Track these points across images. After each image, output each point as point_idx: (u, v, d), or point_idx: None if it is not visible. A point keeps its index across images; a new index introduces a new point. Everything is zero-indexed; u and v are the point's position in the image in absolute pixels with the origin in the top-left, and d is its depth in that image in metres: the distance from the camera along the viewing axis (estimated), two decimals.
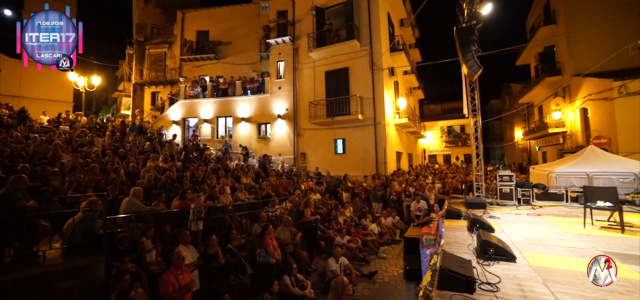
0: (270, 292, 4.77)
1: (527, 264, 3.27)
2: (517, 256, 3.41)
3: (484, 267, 3.12)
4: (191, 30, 19.81)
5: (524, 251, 3.69)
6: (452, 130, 28.56)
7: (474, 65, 7.34)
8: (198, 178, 8.27)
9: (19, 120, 12.01)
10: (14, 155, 7.17)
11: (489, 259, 3.31)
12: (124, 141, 11.92)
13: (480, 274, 2.92)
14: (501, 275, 2.89)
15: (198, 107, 17.37)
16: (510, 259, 3.32)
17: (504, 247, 3.48)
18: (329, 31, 14.51)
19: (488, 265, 3.18)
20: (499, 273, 2.94)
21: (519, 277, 2.91)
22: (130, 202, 5.55)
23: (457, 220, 5.77)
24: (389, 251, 8.32)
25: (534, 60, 20.08)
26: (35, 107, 16.38)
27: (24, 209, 4.23)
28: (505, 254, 3.36)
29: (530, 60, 21.16)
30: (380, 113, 13.60)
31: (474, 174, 8.53)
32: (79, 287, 4.01)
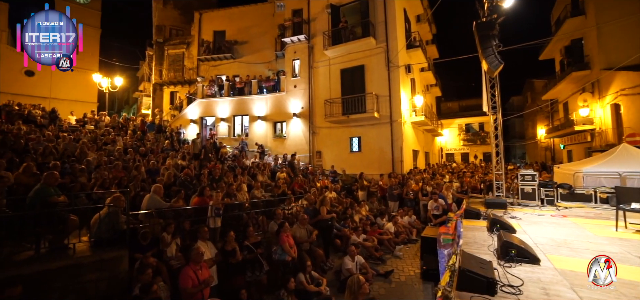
0: (287, 289, 4.81)
1: (552, 266, 3.14)
2: (541, 258, 3.28)
3: (506, 269, 3.03)
4: (208, 30, 20.20)
5: (548, 253, 3.54)
6: (470, 128, 27.83)
7: (495, 60, 7.10)
8: (215, 176, 8.44)
9: (50, 120, 12.67)
10: (46, 153, 7.58)
11: (511, 261, 3.20)
12: (145, 139, 12.33)
13: (502, 276, 2.83)
14: (524, 277, 2.79)
15: (215, 106, 17.71)
16: (534, 261, 3.20)
17: (527, 248, 3.35)
18: (344, 29, 14.43)
19: (510, 267, 3.08)
20: (521, 275, 2.83)
21: (544, 280, 2.80)
22: (152, 199, 5.74)
23: (476, 220, 5.62)
24: (406, 251, 8.22)
25: (559, 55, 19.17)
26: (64, 108, 17.21)
27: (55, 203, 4.48)
28: (528, 255, 3.24)
29: (554, 55, 20.24)
30: (396, 111, 13.42)
31: (493, 173, 8.27)
32: (105, 279, 4.20)
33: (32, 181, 5.23)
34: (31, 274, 3.68)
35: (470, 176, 12.91)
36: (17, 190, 5.00)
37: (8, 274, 3.53)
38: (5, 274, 3.52)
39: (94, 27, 25.60)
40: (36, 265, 3.83)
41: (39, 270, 3.76)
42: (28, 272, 3.68)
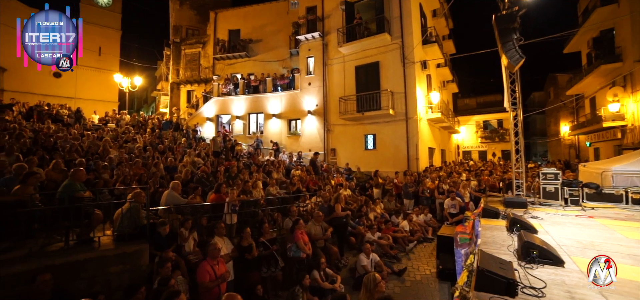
0: (302, 285, 4.84)
1: (578, 269, 3.01)
2: (565, 260, 3.16)
3: (527, 270, 2.94)
4: (223, 29, 20.50)
5: (573, 255, 3.40)
6: (488, 125, 27.02)
7: (515, 55, 6.86)
8: (232, 173, 8.58)
9: (75, 119, 13.26)
10: (72, 150, 7.93)
11: (532, 262, 3.11)
12: (163, 137, 12.69)
13: (523, 277, 2.76)
14: (547, 280, 2.70)
15: (230, 104, 17.98)
16: (558, 263, 3.09)
17: (550, 249, 3.24)
18: (359, 25, 14.31)
19: (531, 269, 2.99)
20: (544, 277, 2.74)
21: (569, 283, 2.69)
22: (170, 195, 5.90)
23: (494, 219, 5.49)
24: (421, 249, 8.12)
25: (587, 47, 18.20)
26: (87, 107, 17.95)
27: (82, 198, 4.69)
28: (551, 257, 3.13)
29: (581, 47, 19.25)
30: (412, 108, 13.22)
31: (513, 171, 8.02)
32: (128, 272, 4.37)
33: (60, 177, 5.50)
34: (62, 264, 3.89)
35: (489, 174, 12.58)
36: (47, 185, 5.27)
37: (43, 263, 3.76)
38: (40, 263, 3.74)
39: (114, 29, 26.52)
40: (66, 256, 4.05)
41: (69, 261, 3.97)
42: (59, 262, 3.89)
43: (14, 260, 3.80)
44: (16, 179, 4.74)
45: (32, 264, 3.71)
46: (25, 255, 3.96)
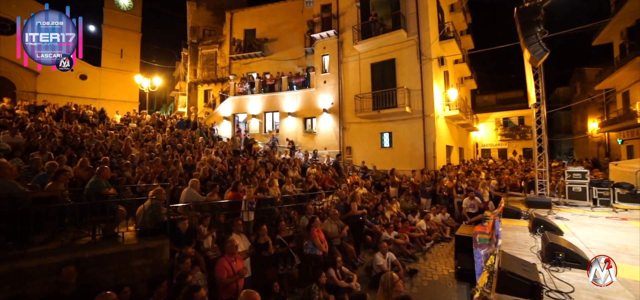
0: (318, 283, 4.86)
1: None
2: None
3: (552, 273, 2.82)
4: (239, 29, 20.78)
5: None
6: (508, 123, 26.15)
7: (539, 49, 6.57)
8: (248, 171, 8.71)
9: (100, 119, 13.82)
10: (97, 149, 8.28)
11: (558, 265, 2.97)
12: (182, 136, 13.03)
13: (548, 281, 2.64)
14: (574, 284, 2.57)
15: (246, 103, 18.23)
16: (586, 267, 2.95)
17: (577, 252, 3.09)
18: (374, 22, 14.16)
19: (557, 272, 2.86)
20: (571, 281, 2.61)
21: (600, 288, 2.53)
22: (189, 193, 6.05)
23: (516, 219, 5.29)
24: (439, 249, 7.98)
25: (620, 38, 17.06)
26: (110, 107, 18.72)
27: (107, 195, 4.89)
28: (579, 260, 2.98)
29: (613, 38, 18.10)
30: (429, 105, 12.99)
31: (536, 170, 7.72)
32: (150, 266, 4.52)
33: (87, 175, 5.76)
34: (89, 258, 4.08)
35: (509, 173, 12.17)
36: (75, 182, 5.53)
37: (73, 256, 3.96)
38: (70, 256, 3.95)
39: (135, 31, 27.46)
40: (93, 249, 4.24)
41: (96, 254, 4.16)
42: (87, 255, 4.08)
43: (49, 252, 4.04)
44: (49, 176, 5.01)
45: (64, 256, 3.92)
46: (58, 248, 4.19)
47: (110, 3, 26.28)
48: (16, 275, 3.59)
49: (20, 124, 9.52)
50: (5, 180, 4.16)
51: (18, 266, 3.64)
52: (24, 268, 3.65)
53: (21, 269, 3.63)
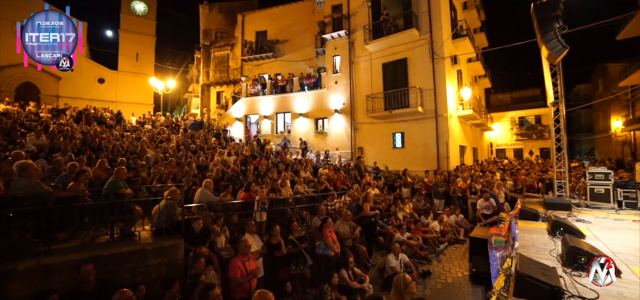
0: (330, 284, 4.86)
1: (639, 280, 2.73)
2: (622, 270, 2.87)
3: (574, 278, 2.72)
4: (250, 31, 20.99)
5: (632, 265, 3.07)
6: (524, 122, 25.41)
7: (557, 45, 6.37)
8: (260, 172, 8.78)
9: (116, 121, 14.22)
10: (115, 150, 8.52)
11: (580, 269, 2.87)
12: (195, 137, 13.27)
13: (569, 286, 2.56)
14: (599, 290, 2.46)
15: (258, 104, 18.38)
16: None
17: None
18: (386, 22, 14.04)
19: (579, 276, 2.76)
20: (595, 287, 2.52)
21: (628, 296, 2.41)
22: (203, 193, 6.14)
23: (533, 221, 5.17)
24: (453, 251, 7.83)
25: None
26: (126, 109, 19.24)
27: (124, 195, 5.03)
28: None
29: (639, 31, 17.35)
30: (441, 105, 12.78)
31: (554, 171, 7.49)
32: (165, 265, 4.61)
33: (105, 175, 5.94)
34: (108, 256, 4.22)
35: (526, 174, 11.85)
36: (94, 182, 5.71)
37: (93, 253, 4.11)
38: (90, 253, 4.10)
39: (150, 35, 28.15)
40: (111, 248, 4.37)
41: (114, 252, 4.29)
42: (106, 253, 4.22)
43: (71, 249, 4.20)
44: (70, 177, 5.19)
45: (85, 254, 4.07)
46: (79, 246, 4.35)
47: (127, 9, 27.04)
48: (43, 270, 3.77)
49: (44, 126, 9.91)
50: (32, 180, 4.35)
51: (44, 262, 3.81)
52: (49, 264, 3.83)
53: (47, 265, 3.81)
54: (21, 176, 4.29)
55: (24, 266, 3.69)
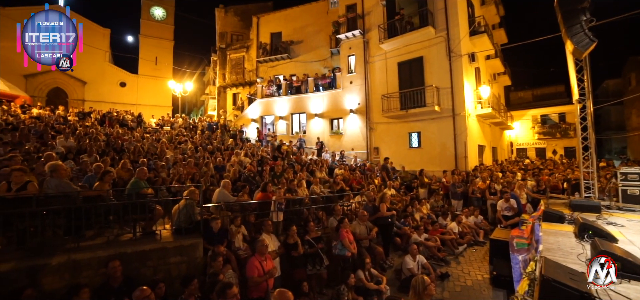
0: (347, 284, 4.83)
1: None
2: None
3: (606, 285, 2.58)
4: (265, 33, 21.23)
5: None
6: (547, 120, 24.42)
7: (584, 39, 6.05)
8: (276, 172, 8.85)
9: (137, 123, 14.71)
10: (136, 151, 8.80)
11: None
12: (212, 138, 13.53)
13: (601, 293, 2.43)
14: (636, 298, 2.33)
15: (273, 105, 18.55)
16: None
17: (637, 262, 2.81)
18: (401, 20, 13.87)
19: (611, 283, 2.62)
20: (631, 295, 2.37)
21: None
22: (221, 193, 6.25)
23: (558, 224, 4.95)
24: (472, 253, 7.64)
25: None
26: (146, 112, 19.93)
27: (146, 195, 5.19)
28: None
29: None
30: (459, 103, 12.50)
31: (581, 171, 7.16)
32: (185, 263, 4.73)
33: (127, 175, 6.15)
34: (131, 253, 4.37)
35: (549, 174, 11.39)
36: (117, 182, 5.92)
37: (118, 251, 4.28)
38: (115, 250, 4.27)
39: (168, 40, 29.00)
40: (134, 245, 4.52)
41: (137, 250, 4.44)
42: (129, 251, 4.37)
43: (97, 246, 4.38)
44: (96, 177, 5.41)
45: (111, 251, 4.24)
46: (105, 243, 4.53)
47: (147, 15, 27.97)
48: (73, 265, 3.98)
49: (72, 129, 10.38)
50: (62, 180, 4.58)
51: (74, 258, 4.01)
52: (79, 259, 4.03)
53: (76, 260, 4.01)
54: (52, 176, 4.53)
55: (56, 261, 3.90)
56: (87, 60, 23.92)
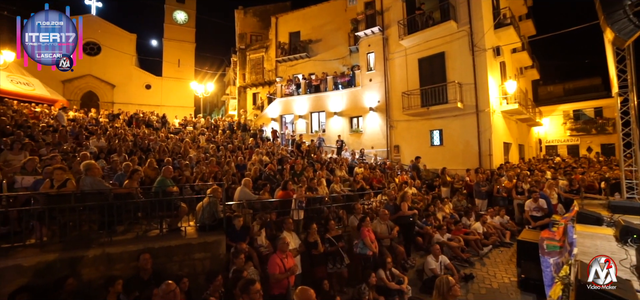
0: (368, 284, 4.79)
1: None
2: None
3: None
4: (284, 32, 21.39)
5: None
6: (581, 115, 23.03)
7: (628, 25, 5.47)
8: (296, 170, 8.91)
9: (162, 123, 15.27)
10: (161, 151, 9.14)
11: None
12: (233, 138, 13.82)
13: None
14: None
15: (293, 104, 18.67)
16: None
17: None
18: (421, 15, 13.54)
19: None
20: None
21: None
22: (243, 191, 6.36)
23: (595, 226, 4.63)
24: (498, 255, 7.34)
25: None
26: (170, 112, 20.67)
27: (171, 193, 5.38)
28: None
29: None
30: (483, 100, 12.06)
31: (623, 169, 6.67)
32: (209, 259, 4.86)
33: (154, 174, 6.40)
34: (159, 248, 4.57)
35: (582, 173, 10.76)
36: (144, 181, 6.17)
37: (147, 245, 4.51)
38: (144, 245, 4.50)
39: (190, 42, 29.90)
40: (161, 241, 4.71)
41: (164, 245, 4.63)
42: (157, 246, 4.57)
43: (128, 241, 4.62)
44: (125, 175, 5.66)
45: (140, 245, 4.46)
46: (134, 238, 4.75)
47: (170, 19, 28.95)
48: (107, 258, 4.24)
49: (103, 130, 10.95)
50: (95, 178, 4.86)
51: (108, 251, 4.27)
52: (112, 253, 4.28)
53: (110, 254, 4.27)
54: (87, 175, 4.81)
55: (92, 253, 4.17)
56: (115, 64, 25.34)
